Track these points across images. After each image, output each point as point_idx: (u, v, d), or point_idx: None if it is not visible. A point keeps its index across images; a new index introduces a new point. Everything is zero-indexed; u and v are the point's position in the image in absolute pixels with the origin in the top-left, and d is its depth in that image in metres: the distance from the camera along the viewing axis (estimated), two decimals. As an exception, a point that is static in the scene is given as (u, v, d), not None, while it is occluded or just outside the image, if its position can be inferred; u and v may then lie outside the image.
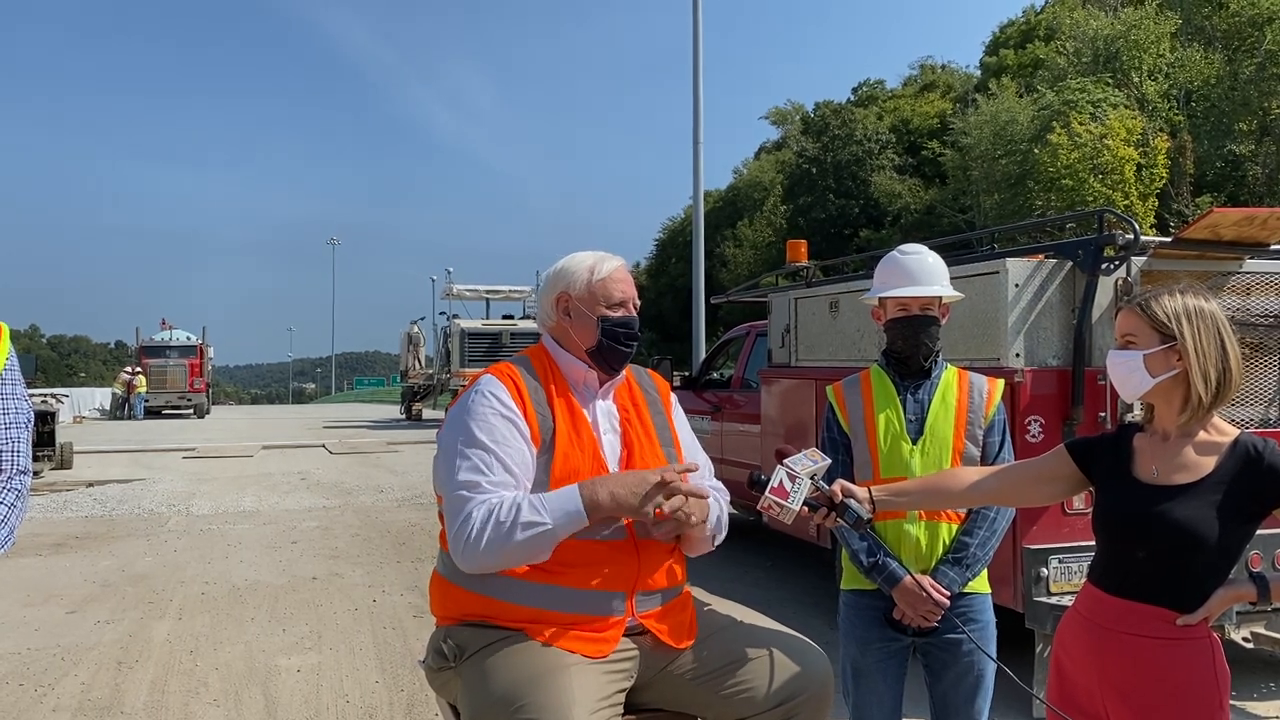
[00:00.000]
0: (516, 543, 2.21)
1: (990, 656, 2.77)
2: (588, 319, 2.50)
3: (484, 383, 2.43)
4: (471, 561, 2.26)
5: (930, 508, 2.76)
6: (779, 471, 2.38)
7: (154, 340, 37.96)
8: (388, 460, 17.28)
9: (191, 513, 11.26)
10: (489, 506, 2.24)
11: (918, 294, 2.91)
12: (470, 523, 2.23)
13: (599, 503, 2.24)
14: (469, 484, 2.28)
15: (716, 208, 52.96)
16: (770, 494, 2.35)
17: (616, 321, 2.51)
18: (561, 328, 2.55)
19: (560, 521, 2.22)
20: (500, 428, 2.34)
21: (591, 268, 2.54)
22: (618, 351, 2.52)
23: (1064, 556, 4.53)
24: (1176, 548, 2.09)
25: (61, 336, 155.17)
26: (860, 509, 2.40)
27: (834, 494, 2.41)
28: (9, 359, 2.35)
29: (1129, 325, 2.22)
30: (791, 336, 6.95)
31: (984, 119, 35.02)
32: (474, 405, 2.37)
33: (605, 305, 2.52)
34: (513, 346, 24.59)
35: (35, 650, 5.79)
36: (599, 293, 2.52)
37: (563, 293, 2.54)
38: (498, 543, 2.21)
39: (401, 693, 5.03)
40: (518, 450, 2.33)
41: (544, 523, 2.21)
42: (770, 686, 2.36)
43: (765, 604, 6.28)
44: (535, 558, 2.26)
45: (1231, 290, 4.97)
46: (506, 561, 2.26)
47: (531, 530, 2.21)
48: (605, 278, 2.53)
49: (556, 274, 2.57)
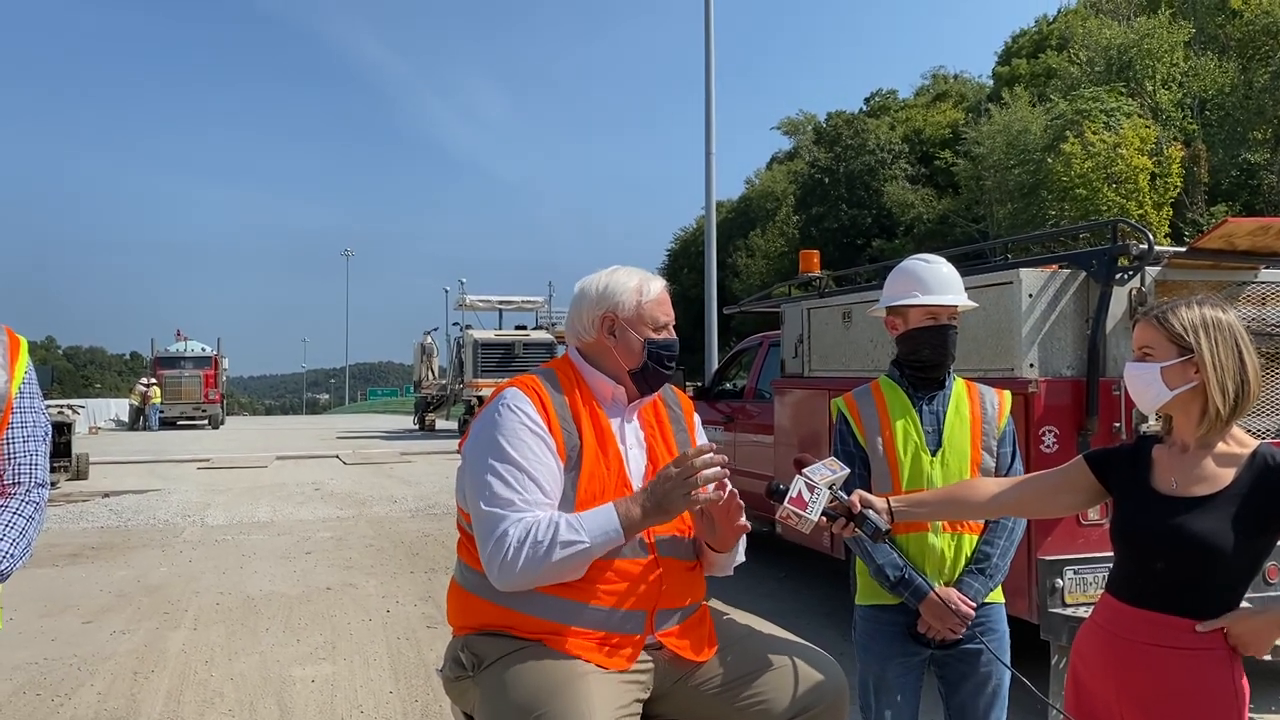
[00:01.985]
0: (554, 562, 2.20)
1: (1005, 664, 2.76)
2: (634, 340, 2.49)
3: (509, 396, 2.40)
4: (508, 580, 2.24)
5: (948, 519, 2.75)
6: (797, 481, 2.37)
7: (169, 351, 38.11)
8: (401, 471, 17.31)
9: (206, 523, 11.30)
10: (525, 525, 2.22)
11: (949, 302, 2.92)
12: (506, 541, 2.22)
13: (634, 519, 2.23)
14: (503, 501, 2.26)
15: (729, 218, 53.02)
16: (789, 504, 2.35)
17: (661, 344, 2.51)
18: (603, 346, 2.51)
19: (598, 540, 2.21)
20: (530, 443, 2.32)
21: (639, 289, 2.52)
22: (660, 374, 2.52)
23: (1079, 567, 4.51)
24: (1195, 560, 2.08)
25: (77, 348, 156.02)
26: (879, 520, 2.40)
27: (852, 504, 2.40)
28: (27, 373, 2.37)
29: (1146, 337, 2.22)
30: (805, 346, 6.95)
31: (997, 128, 34.94)
32: (503, 420, 2.34)
33: (652, 328, 2.51)
34: (525, 357, 24.61)
35: (52, 660, 5.82)
36: (647, 314, 2.51)
37: (609, 312, 2.50)
38: (535, 562, 2.20)
39: (416, 703, 5.04)
40: (548, 467, 2.32)
41: (582, 541, 2.20)
42: (786, 698, 2.36)
43: (779, 615, 6.27)
44: (569, 576, 2.26)
45: (1247, 300, 4.95)
46: (542, 580, 2.25)
47: (570, 550, 2.20)
48: (653, 300, 2.52)
49: (602, 292, 2.52)
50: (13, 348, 2.35)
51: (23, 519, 2.29)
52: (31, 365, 2.41)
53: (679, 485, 2.19)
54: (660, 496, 2.22)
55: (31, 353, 2.44)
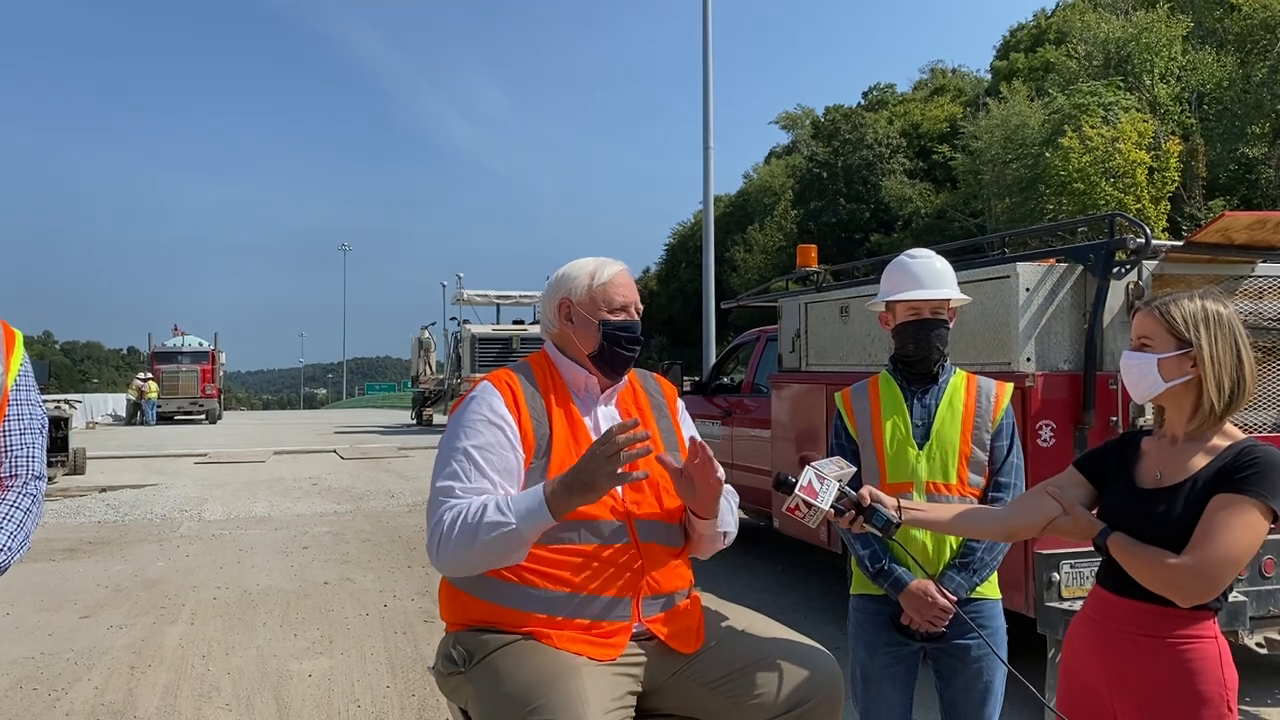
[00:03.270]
0: (482, 544, 2.21)
1: (1001, 659, 2.77)
2: (589, 323, 2.52)
3: (480, 390, 2.46)
4: (441, 563, 2.29)
5: (956, 534, 2.75)
6: (807, 472, 2.38)
7: (166, 346, 38.10)
8: (398, 465, 17.32)
9: (203, 518, 11.30)
10: (458, 509, 2.25)
11: (929, 297, 2.91)
12: (440, 525, 2.26)
13: (560, 498, 2.20)
14: (444, 489, 2.31)
15: (726, 213, 52.96)
16: (800, 492, 2.35)
17: (618, 325, 2.52)
18: (564, 333, 2.56)
19: (525, 521, 2.20)
20: (486, 434, 2.35)
21: (592, 273, 2.56)
22: (619, 355, 2.54)
23: (1075, 561, 4.51)
24: (1169, 547, 2.08)
25: (74, 342, 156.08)
26: (891, 514, 2.40)
27: (862, 498, 2.41)
28: (23, 365, 2.36)
29: (1146, 327, 2.22)
30: (802, 341, 6.94)
31: (995, 123, 34.94)
32: (465, 413, 2.41)
33: (607, 310, 2.53)
34: (523, 351, 24.60)
35: (49, 655, 5.82)
36: (600, 297, 2.53)
37: (564, 298, 2.56)
38: (464, 545, 2.22)
39: (413, 698, 5.04)
40: (501, 457, 2.35)
41: (508, 522, 2.19)
42: (781, 692, 2.36)
43: (776, 609, 6.28)
44: (507, 559, 2.26)
45: (1244, 294, 4.95)
46: (476, 562, 2.26)
47: (496, 531, 2.19)
48: (606, 282, 2.55)
49: (558, 280, 2.59)
50: (8, 340, 2.34)
51: (20, 512, 2.28)
52: (27, 358, 2.40)
53: (603, 463, 2.15)
54: (586, 475, 2.18)
55: (28, 347, 2.42)
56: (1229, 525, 2.02)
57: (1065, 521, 2.20)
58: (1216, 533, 2.02)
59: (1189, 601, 2.06)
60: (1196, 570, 2.02)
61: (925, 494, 2.84)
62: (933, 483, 2.86)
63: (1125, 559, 2.11)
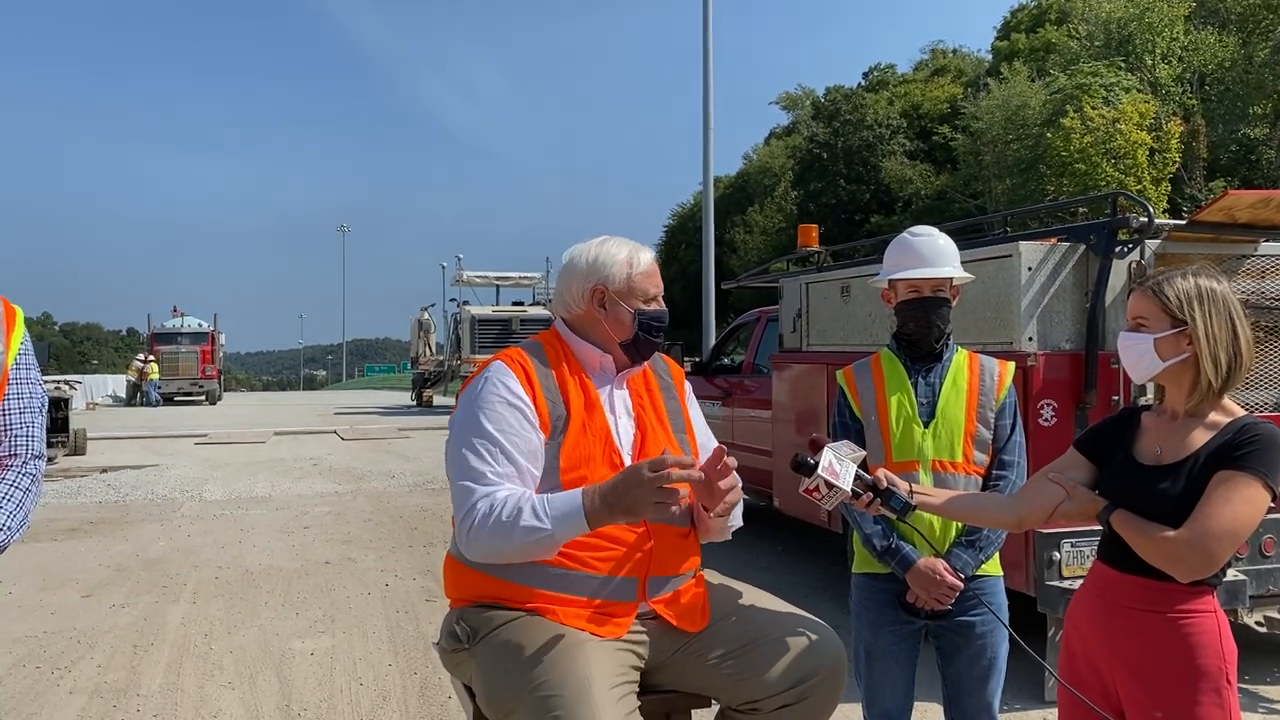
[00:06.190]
0: (516, 545, 2.22)
1: (1008, 630, 2.76)
2: (624, 312, 2.49)
3: (493, 370, 2.42)
4: (471, 551, 2.29)
5: (963, 520, 2.75)
6: (827, 453, 2.36)
7: (165, 327, 38.06)
8: (399, 446, 17.34)
9: (204, 498, 11.32)
10: (492, 502, 2.24)
11: (929, 275, 2.90)
12: (473, 515, 2.25)
13: (599, 514, 2.18)
14: (474, 474, 2.29)
15: (727, 193, 52.79)
16: (823, 472, 2.32)
17: (652, 315, 2.52)
18: (592, 317, 2.51)
19: (560, 527, 2.19)
20: (508, 416, 2.33)
21: (630, 261, 2.52)
22: (651, 344, 2.54)
23: (1076, 540, 4.52)
24: (1170, 524, 2.08)
25: (74, 324, 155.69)
26: (906, 498, 2.40)
27: (879, 480, 2.40)
28: (23, 343, 2.34)
29: (1141, 307, 2.23)
30: (803, 321, 6.94)
31: (995, 103, 34.76)
32: (483, 393, 2.37)
33: (642, 300, 2.51)
34: (523, 332, 24.58)
35: (52, 634, 5.83)
36: (638, 287, 2.51)
37: (599, 285, 2.50)
38: (497, 541, 2.23)
39: (414, 675, 5.06)
40: (525, 439, 2.33)
41: (544, 528, 2.19)
42: (784, 668, 2.36)
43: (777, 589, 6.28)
44: (539, 557, 2.27)
45: (1246, 273, 4.93)
46: (507, 557, 2.27)
47: (532, 536, 2.20)
48: (643, 272, 2.53)
49: (591, 264, 2.51)
50: (9, 318, 2.32)
51: (20, 491, 2.28)
52: (28, 336, 2.38)
53: (651, 493, 2.11)
54: (632, 500, 2.13)
55: (28, 328, 2.41)
56: (1228, 501, 2.03)
57: (1070, 505, 2.21)
58: (1216, 508, 2.03)
59: (1188, 576, 2.07)
60: (1195, 544, 2.03)
61: (931, 472, 2.84)
62: (939, 461, 2.86)
63: (1129, 534, 2.12)
